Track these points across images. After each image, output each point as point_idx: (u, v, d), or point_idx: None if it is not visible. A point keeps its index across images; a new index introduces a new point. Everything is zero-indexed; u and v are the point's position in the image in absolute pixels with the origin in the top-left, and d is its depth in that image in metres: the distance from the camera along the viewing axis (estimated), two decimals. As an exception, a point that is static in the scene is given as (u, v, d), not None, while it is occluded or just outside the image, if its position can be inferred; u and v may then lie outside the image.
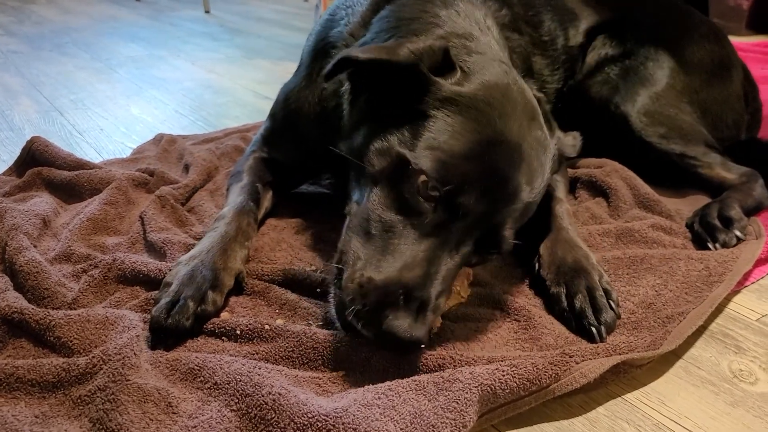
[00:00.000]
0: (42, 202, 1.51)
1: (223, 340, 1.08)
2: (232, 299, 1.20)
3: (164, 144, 1.98)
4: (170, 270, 1.17)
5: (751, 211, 1.58)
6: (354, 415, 0.86)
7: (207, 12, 5.00)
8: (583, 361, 1.03)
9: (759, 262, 1.40)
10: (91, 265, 1.25)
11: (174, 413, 0.91)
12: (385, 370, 1.01)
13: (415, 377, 0.96)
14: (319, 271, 1.27)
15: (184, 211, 1.52)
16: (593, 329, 1.12)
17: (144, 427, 0.87)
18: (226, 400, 0.92)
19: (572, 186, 1.72)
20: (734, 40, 2.04)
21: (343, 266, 1.02)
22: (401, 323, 0.92)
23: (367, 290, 0.95)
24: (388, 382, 0.95)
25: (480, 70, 1.09)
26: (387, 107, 1.09)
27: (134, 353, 0.97)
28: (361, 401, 0.89)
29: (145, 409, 0.90)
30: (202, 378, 0.96)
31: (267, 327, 1.09)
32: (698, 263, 1.32)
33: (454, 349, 1.07)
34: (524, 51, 1.53)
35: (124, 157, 1.96)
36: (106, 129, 2.30)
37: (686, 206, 1.64)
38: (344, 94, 1.26)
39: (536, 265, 1.29)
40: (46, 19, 4.56)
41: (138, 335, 1.02)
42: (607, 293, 1.18)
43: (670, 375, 1.09)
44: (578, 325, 1.15)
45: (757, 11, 3.97)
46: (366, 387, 0.95)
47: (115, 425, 0.86)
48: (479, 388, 0.93)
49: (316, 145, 1.33)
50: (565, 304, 1.19)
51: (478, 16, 1.28)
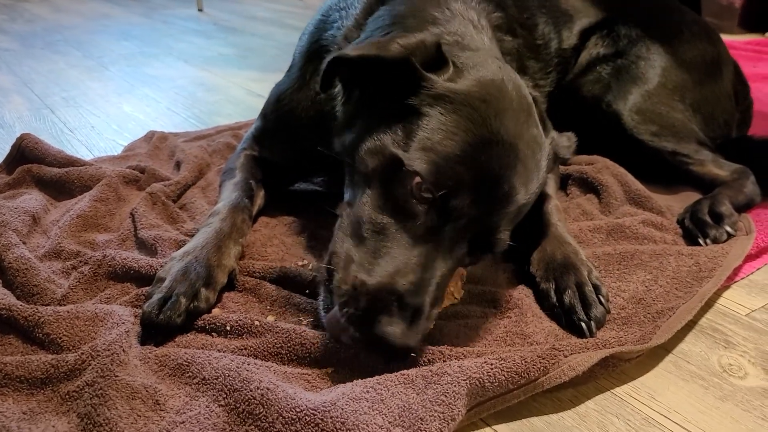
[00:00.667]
0: (32, 199, 1.50)
1: (212, 335, 1.08)
2: (224, 295, 1.19)
3: (155, 141, 1.97)
4: (163, 265, 1.16)
5: (742, 208, 1.59)
6: (342, 409, 0.86)
7: (200, 10, 4.98)
8: (571, 354, 1.03)
9: (749, 258, 1.40)
10: (81, 262, 1.25)
11: (161, 410, 0.91)
12: (374, 366, 1.00)
13: (404, 371, 0.96)
14: (310, 266, 1.27)
15: (176, 208, 1.51)
16: (583, 324, 1.12)
17: (132, 423, 0.87)
18: (214, 395, 0.92)
19: (564, 182, 1.72)
20: (727, 38, 2.05)
21: (335, 268, 1.01)
22: (394, 329, 0.91)
23: (359, 293, 0.94)
24: (377, 377, 0.95)
25: (474, 66, 1.07)
26: (379, 105, 1.07)
27: (123, 350, 0.97)
28: (350, 395, 0.89)
29: (132, 405, 0.90)
30: (190, 373, 0.96)
31: (257, 323, 1.08)
32: (688, 259, 1.32)
33: (443, 344, 1.07)
34: (517, 53, 1.52)
35: (115, 154, 1.95)
36: (97, 126, 2.29)
37: (677, 203, 1.65)
38: (337, 95, 1.25)
39: (527, 263, 1.29)
40: (39, 17, 4.54)
41: (128, 331, 1.02)
42: (596, 288, 1.18)
43: (659, 369, 1.09)
44: (568, 320, 1.15)
45: (749, 9, 3.99)
46: (355, 381, 0.95)
47: (103, 419, 0.86)
48: (468, 381, 0.93)
49: (309, 146, 1.32)
50: (554, 299, 1.19)
51: (472, 16, 1.28)
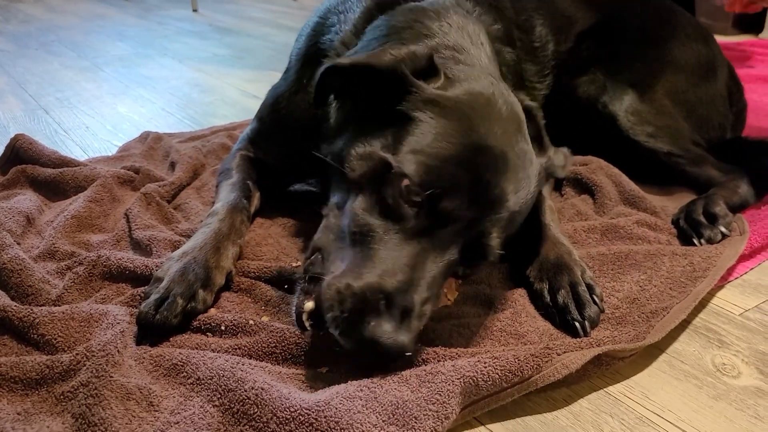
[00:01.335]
0: (26, 199, 1.50)
1: (207, 335, 1.08)
2: (220, 295, 1.19)
3: (150, 142, 1.97)
4: (161, 265, 1.16)
5: (736, 208, 1.59)
6: (336, 408, 0.86)
7: (195, 11, 4.98)
8: (564, 353, 1.03)
9: (742, 258, 1.41)
10: (75, 263, 1.24)
11: (156, 410, 0.90)
12: (369, 365, 1.00)
13: (398, 371, 0.96)
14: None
15: (170, 209, 1.51)
16: (576, 324, 1.13)
17: (127, 423, 0.87)
18: (208, 395, 0.92)
19: (558, 183, 1.72)
20: (720, 39, 2.06)
21: (323, 272, 0.99)
22: (384, 329, 0.89)
23: (344, 297, 0.91)
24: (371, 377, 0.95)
25: (465, 78, 1.08)
26: (370, 113, 1.08)
27: (118, 350, 0.97)
28: (344, 394, 0.89)
29: (127, 406, 0.90)
30: (185, 374, 0.96)
31: (251, 323, 1.08)
32: (682, 259, 1.33)
33: (437, 345, 1.07)
34: (516, 64, 1.52)
35: (110, 155, 1.95)
36: (92, 127, 2.29)
37: (671, 203, 1.65)
38: (332, 102, 1.24)
39: (521, 263, 1.29)
40: (33, 18, 4.53)
41: (123, 331, 1.02)
42: (590, 288, 1.18)
43: (653, 369, 1.09)
44: (562, 320, 1.15)
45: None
46: (349, 381, 0.95)
47: (98, 420, 0.86)
48: (461, 380, 0.93)
49: (305, 150, 1.30)
50: (548, 299, 1.19)
51: (471, 30, 1.27)
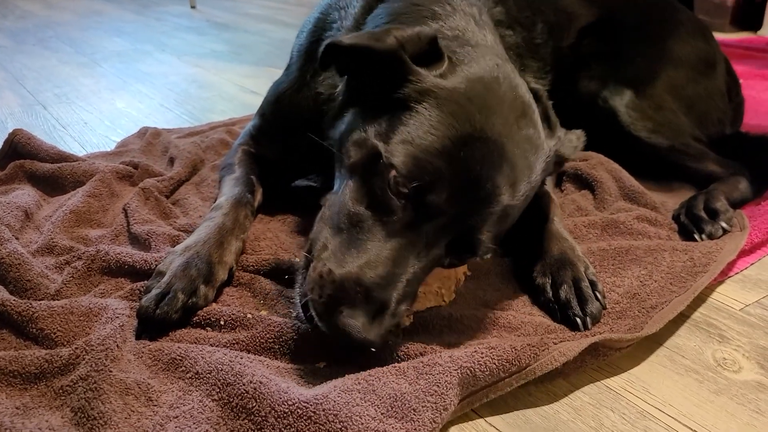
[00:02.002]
0: (24, 194, 1.49)
1: (206, 330, 1.08)
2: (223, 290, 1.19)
3: (149, 137, 1.96)
4: (164, 259, 1.15)
5: (737, 204, 1.59)
6: (334, 401, 0.86)
7: (193, 7, 4.97)
8: (561, 342, 1.03)
9: (742, 254, 1.41)
10: (74, 257, 1.24)
11: (155, 405, 0.90)
12: (367, 360, 1.00)
13: (396, 363, 0.96)
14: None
15: (168, 204, 1.51)
16: (578, 320, 1.12)
17: (126, 418, 0.87)
18: (207, 389, 0.91)
19: (558, 179, 1.72)
20: (719, 36, 2.06)
21: (312, 256, 1.00)
22: (354, 322, 0.90)
23: (324, 282, 0.93)
24: (369, 370, 0.95)
25: (469, 62, 1.05)
26: (369, 97, 1.06)
27: (117, 345, 0.97)
28: (341, 387, 0.89)
29: (126, 401, 0.89)
30: (183, 368, 0.96)
31: (250, 317, 1.08)
32: (683, 254, 1.33)
33: (433, 338, 1.07)
34: (518, 48, 1.52)
35: (108, 150, 1.94)
36: (90, 123, 2.28)
37: (671, 198, 1.65)
38: (338, 96, 1.21)
39: (523, 257, 1.29)
40: (30, 14, 4.51)
41: (122, 325, 1.01)
42: (592, 284, 1.18)
43: (654, 363, 1.09)
44: (563, 315, 1.15)
45: (741, 8, 4.00)
46: (347, 375, 0.94)
47: (97, 413, 0.86)
48: (459, 371, 0.93)
49: (308, 147, 1.30)
50: (550, 294, 1.19)
51: (474, 12, 1.26)
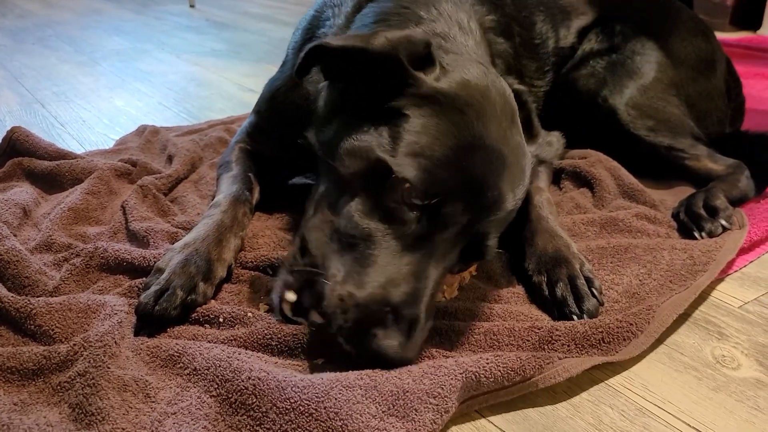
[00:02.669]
0: (22, 192, 1.49)
1: (204, 327, 1.07)
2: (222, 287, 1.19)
3: (147, 135, 1.96)
4: (163, 256, 1.15)
5: (736, 202, 1.59)
6: (336, 398, 0.85)
7: (192, 6, 4.96)
8: (565, 357, 1.02)
9: (741, 252, 1.40)
10: (72, 254, 1.24)
11: (153, 401, 0.90)
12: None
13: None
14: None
15: (167, 201, 1.50)
16: (575, 317, 1.12)
17: (124, 414, 0.87)
18: (205, 385, 0.91)
19: (557, 176, 1.72)
20: (718, 35, 2.05)
21: (322, 275, 0.97)
22: (391, 343, 0.89)
23: (347, 306, 0.91)
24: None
25: (458, 68, 1.04)
26: (361, 102, 1.04)
27: (115, 341, 0.96)
28: (343, 383, 0.88)
29: (124, 397, 0.89)
30: (181, 364, 0.95)
31: (249, 315, 1.08)
32: (682, 252, 1.33)
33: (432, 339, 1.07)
34: (510, 56, 1.51)
35: (107, 148, 1.94)
36: (88, 121, 2.28)
37: (670, 196, 1.65)
38: (322, 88, 1.20)
39: (519, 256, 1.28)
40: (29, 12, 4.51)
41: (120, 322, 1.01)
42: (588, 281, 1.17)
43: (653, 361, 1.09)
44: (560, 313, 1.15)
45: (740, 7, 4.00)
46: (349, 370, 0.94)
47: (95, 409, 0.85)
48: (464, 374, 0.92)
49: (302, 144, 1.31)
50: (546, 292, 1.19)
51: (461, 18, 1.25)
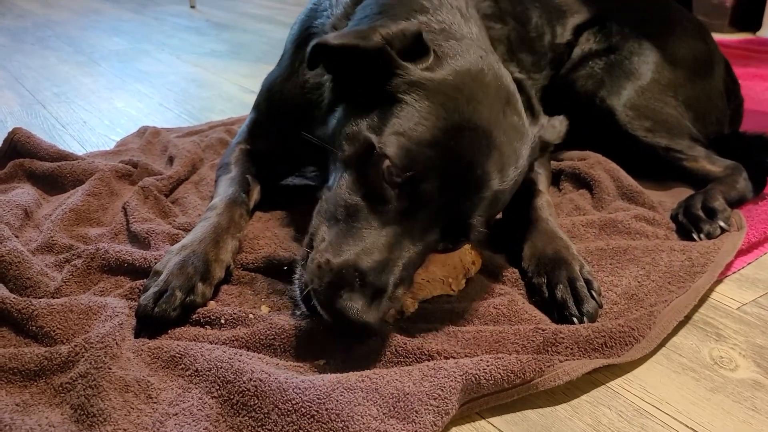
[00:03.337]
0: (24, 193, 1.49)
1: (206, 328, 1.08)
2: (220, 288, 1.19)
3: (148, 136, 1.96)
4: (161, 258, 1.16)
5: (735, 203, 1.59)
6: (337, 400, 0.86)
7: (192, 7, 4.96)
8: (566, 360, 1.03)
9: (740, 253, 1.41)
10: (74, 255, 1.24)
11: (154, 402, 0.91)
12: (366, 356, 1.01)
13: (400, 364, 0.97)
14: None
15: (168, 202, 1.51)
16: (575, 319, 1.13)
17: (125, 415, 0.87)
18: (207, 387, 0.92)
19: (556, 178, 1.73)
20: (717, 37, 2.06)
21: (310, 249, 1.03)
22: (353, 304, 0.92)
23: (324, 271, 0.96)
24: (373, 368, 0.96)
25: (455, 55, 1.08)
26: (359, 92, 1.09)
27: (116, 342, 0.97)
28: (345, 384, 0.89)
29: (126, 398, 0.90)
30: (183, 365, 0.96)
31: (251, 316, 1.08)
32: (681, 254, 1.33)
33: (433, 333, 1.08)
34: (507, 41, 1.53)
35: (108, 149, 1.95)
36: (89, 122, 2.28)
37: (669, 198, 1.66)
38: (324, 83, 1.26)
39: (519, 258, 1.29)
40: (29, 12, 4.51)
41: (121, 323, 1.02)
42: (588, 283, 1.18)
43: (651, 362, 1.10)
44: (560, 315, 1.15)
45: (739, 8, 4.01)
46: (351, 371, 0.95)
47: (97, 410, 0.86)
48: (464, 376, 0.93)
49: (300, 136, 1.33)
50: (546, 294, 1.19)
51: (460, 5, 1.29)
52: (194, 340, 1.04)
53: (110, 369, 0.92)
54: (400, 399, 0.89)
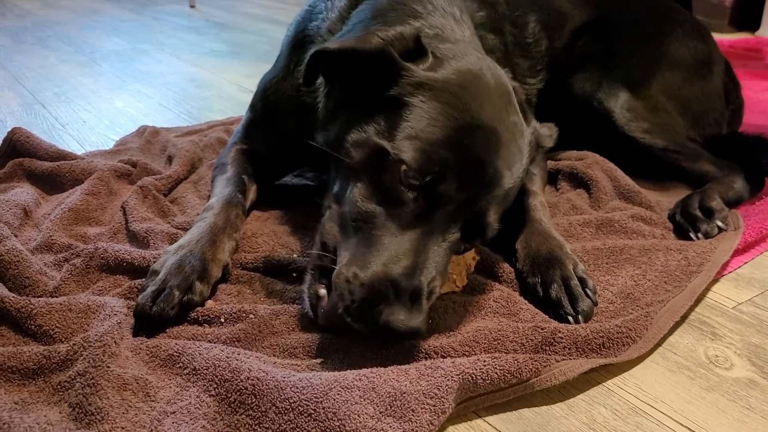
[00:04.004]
0: (23, 192, 1.50)
1: (204, 326, 1.09)
2: (217, 287, 1.20)
3: (147, 136, 1.97)
4: (158, 258, 1.17)
5: (732, 203, 1.60)
6: (334, 399, 0.87)
7: (192, 7, 4.97)
8: (563, 360, 1.04)
9: (736, 253, 1.41)
10: (72, 255, 1.25)
11: (152, 400, 0.91)
12: (363, 354, 1.01)
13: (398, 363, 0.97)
14: (303, 256, 1.27)
15: (166, 202, 1.52)
16: (570, 318, 1.13)
17: (123, 413, 0.88)
18: (204, 385, 0.92)
19: (554, 178, 1.73)
20: (717, 37, 2.06)
21: (331, 264, 1.03)
22: (396, 317, 0.92)
23: (353, 287, 0.95)
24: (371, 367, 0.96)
25: (453, 56, 1.10)
26: (361, 97, 1.09)
27: (114, 341, 0.98)
28: (342, 383, 0.90)
29: (124, 396, 0.90)
30: (181, 364, 0.97)
31: (252, 317, 1.09)
32: (677, 254, 1.34)
33: (432, 330, 1.09)
34: (501, 51, 1.54)
35: (107, 149, 1.95)
36: (89, 122, 2.29)
37: (666, 198, 1.66)
38: (319, 87, 1.26)
39: (514, 258, 1.30)
40: (29, 13, 4.52)
41: (119, 322, 1.02)
42: (582, 281, 1.19)
43: (647, 361, 1.10)
44: (555, 315, 1.16)
45: (739, 8, 4.01)
46: (348, 370, 0.95)
47: (95, 409, 0.87)
48: (461, 376, 0.94)
49: (295, 136, 1.34)
50: (541, 294, 1.20)
51: (454, 11, 1.31)
52: (192, 339, 1.04)
53: (108, 367, 0.93)
54: (397, 398, 0.89)
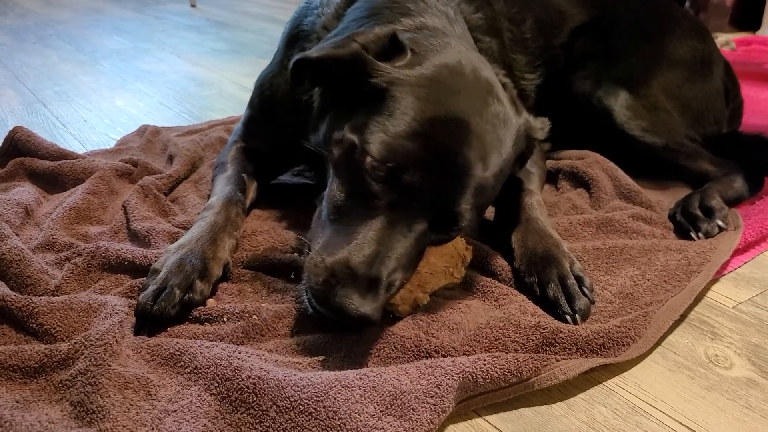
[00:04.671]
0: (24, 191, 1.50)
1: (205, 325, 1.09)
2: (218, 286, 1.20)
3: (148, 135, 1.97)
4: (159, 257, 1.17)
5: (732, 203, 1.60)
6: (335, 398, 0.87)
7: (193, 6, 4.97)
8: (563, 359, 1.04)
9: (736, 252, 1.42)
10: (74, 254, 1.25)
11: (153, 399, 0.91)
12: (364, 354, 1.02)
13: (398, 362, 0.98)
14: (302, 255, 1.28)
15: (167, 201, 1.52)
16: (567, 317, 1.13)
17: (124, 411, 0.88)
18: (206, 384, 0.93)
19: (554, 177, 1.73)
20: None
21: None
22: (347, 299, 0.95)
23: (319, 270, 0.99)
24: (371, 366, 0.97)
25: (434, 50, 1.12)
26: (344, 98, 1.13)
27: (116, 340, 0.98)
28: (343, 382, 0.90)
29: (125, 395, 0.91)
30: (182, 363, 0.97)
31: (255, 318, 1.09)
32: (677, 253, 1.34)
33: (436, 327, 1.09)
34: (495, 53, 1.55)
35: (108, 148, 1.95)
36: (90, 121, 2.29)
37: (666, 197, 1.66)
38: (315, 91, 1.28)
39: (511, 257, 1.30)
40: (30, 12, 4.52)
41: (121, 321, 1.02)
42: (579, 280, 1.19)
43: (647, 360, 1.10)
44: (553, 313, 1.16)
45: (740, 8, 4.01)
46: (349, 369, 0.96)
47: (96, 407, 0.87)
48: (461, 375, 0.94)
49: (292, 133, 1.35)
50: (538, 293, 1.20)
51: (447, 11, 1.32)
52: (193, 338, 1.05)
53: (110, 366, 0.93)
54: (398, 397, 0.90)
